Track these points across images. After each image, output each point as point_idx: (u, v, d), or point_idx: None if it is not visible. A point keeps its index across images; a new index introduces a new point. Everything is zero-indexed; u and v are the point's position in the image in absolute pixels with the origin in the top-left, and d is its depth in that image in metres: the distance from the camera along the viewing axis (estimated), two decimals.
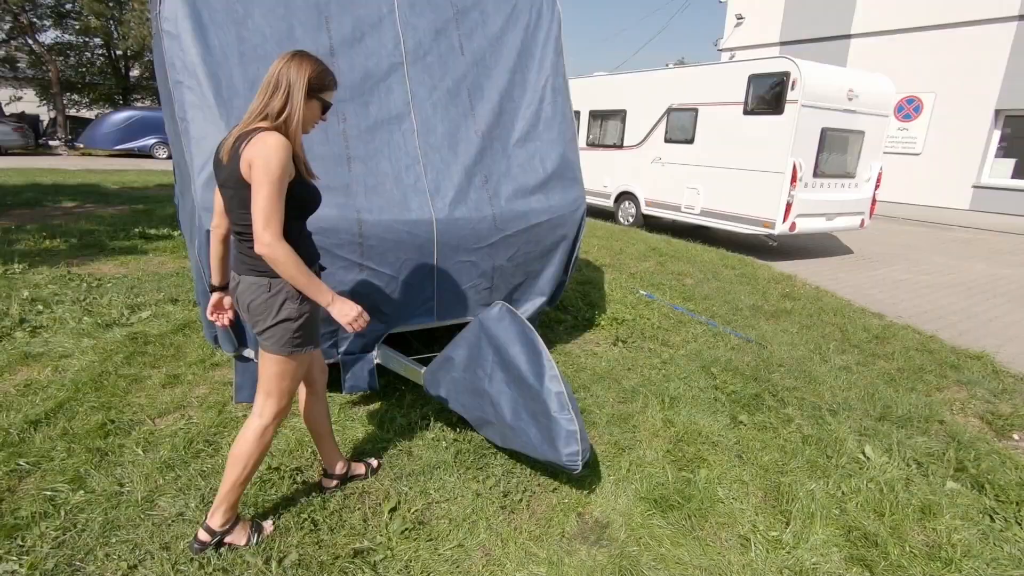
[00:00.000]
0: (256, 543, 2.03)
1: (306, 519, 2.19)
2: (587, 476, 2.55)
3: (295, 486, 2.40)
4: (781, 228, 7.45)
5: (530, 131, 3.50)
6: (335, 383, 3.16)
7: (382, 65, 3.06)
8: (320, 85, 1.83)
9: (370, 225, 2.80)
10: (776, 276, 6.59)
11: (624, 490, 2.48)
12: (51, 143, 23.68)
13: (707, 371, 3.75)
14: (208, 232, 2.51)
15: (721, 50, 16.57)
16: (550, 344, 4.14)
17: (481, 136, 3.30)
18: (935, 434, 3.10)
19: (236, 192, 1.78)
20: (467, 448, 2.70)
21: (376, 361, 3.06)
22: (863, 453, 2.84)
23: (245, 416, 2.94)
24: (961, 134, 11.88)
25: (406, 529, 2.18)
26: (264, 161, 1.66)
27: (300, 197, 1.84)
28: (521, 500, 2.40)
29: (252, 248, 1.75)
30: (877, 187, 8.25)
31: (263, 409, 1.95)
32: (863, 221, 8.35)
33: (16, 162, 16.59)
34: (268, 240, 1.67)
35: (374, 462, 2.56)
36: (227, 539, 2.00)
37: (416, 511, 2.30)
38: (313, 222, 2.70)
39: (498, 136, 3.38)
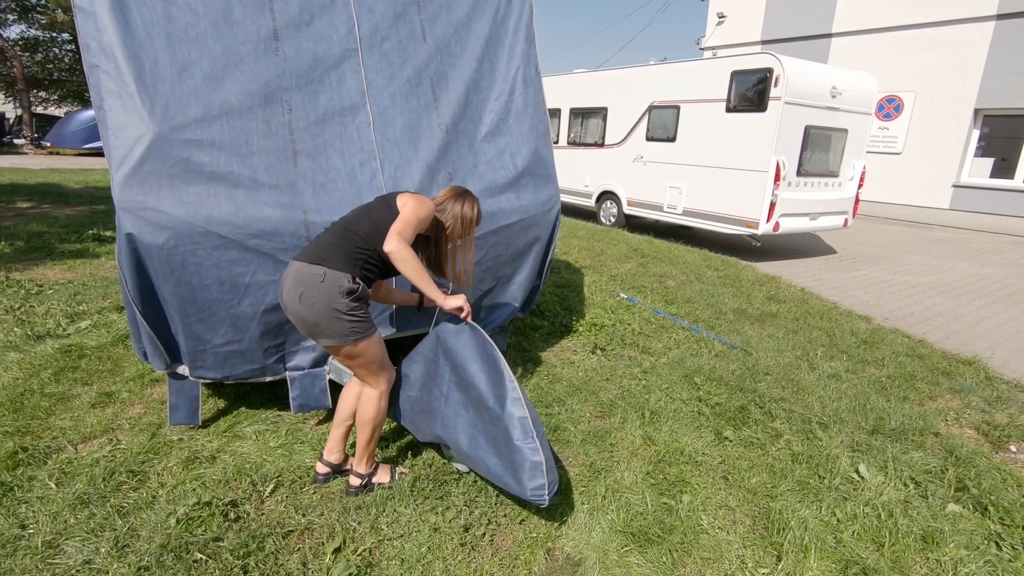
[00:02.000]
0: (396, 479, 2.38)
1: (236, 565, 1.91)
2: (559, 505, 2.30)
3: (227, 523, 2.11)
4: (765, 228, 7.28)
5: (499, 125, 3.24)
6: (283, 401, 2.88)
7: (334, 51, 2.78)
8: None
9: (318, 227, 2.51)
10: (760, 278, 6.42)
11: (599, 521, 2.23)
12: (16, 141, 22.89)
13: (690, 381, 3.52)
14: (128, 236, 2.24)
15: (703, 49, 16.47)
16: (524, 352, 3.89)
17: (445, 130, 3.03)
18: (931, 448, 2.91)
19: (374, 205, 2.20)
20: (426, 474, 2.44)
21: (328, 376, 2.78)
22: (857, 472, 2.62)
23: (180, 439, 2.65)
24: (941, 133, 11.88)
25: (350, 574, 1.91)
26: (417, 203, 2.13)
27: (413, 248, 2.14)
28: (484, 535, 2.14)
29: (343, 242, 2.07)
30: (860, 186, 8.13)
31: (374, 385, 2.21)
32: (846, 220, 8.23)
33: None
34: (397, 240, 2.01)
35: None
36: (374, 479, 2.34)
37: (364, 551, 2.03)
38: (253, 223, 2.45)
39: (464, 130, 3.12)
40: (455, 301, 2.22)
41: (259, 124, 2.53)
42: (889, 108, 12.55)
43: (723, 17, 15.76)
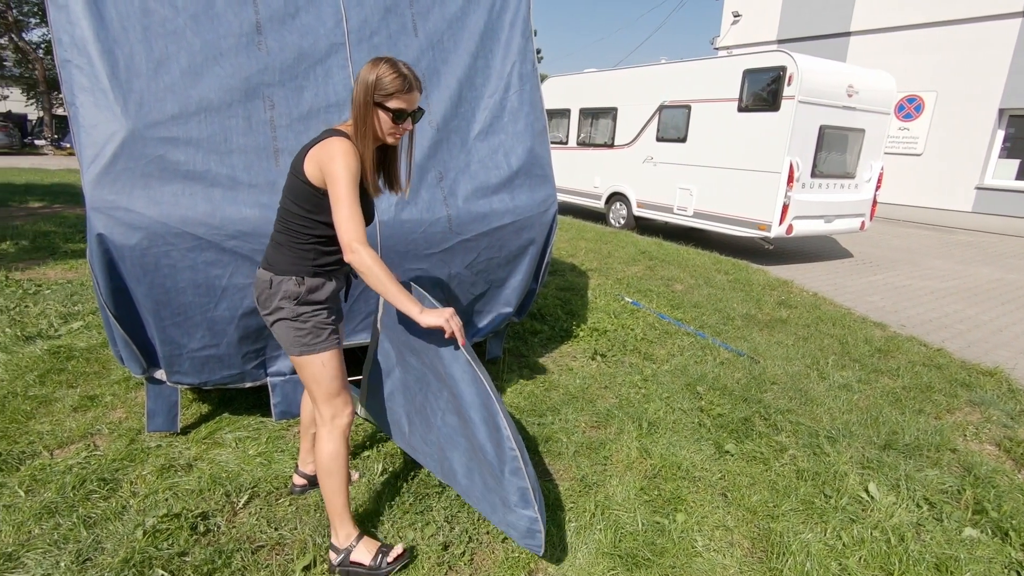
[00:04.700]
0: (382, 566, 1.88)
1: None
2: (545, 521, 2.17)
3: (195, 537, 2.02)
4: (777, 231, 7.08)
5: (494, 123, 3.13)
6: (267, 407, 2.79)
7: (320, 45, 2.68)
8: (384, 92, 1.70)
9: None
10: (771, 282, 6.23)
11: (586, 541, 2.10)
12: (37, 143, 23.31)
13: (692, 390, 3.37)
14: (99, 236, 2.17)
15: (718, 48, 16.22)
16: (521, 358, 3.76)
17: (436, 128, 2.93)
18: (947, 465, 2.73)
19: (288, 182, 1.78)
20: (407, 487, 2.33)
21: None
22: (866, 491, 2.46)
23: (159, 446, 2.57)
24: (963, 134, 11.53)
25: None
26: (337, 168, 1.63)
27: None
28: (464, 554, 2.02)
29: (283, 236, 1.77)
30: (878, 188, 7.89)
31: (321, 414, 1.87)
32: (863, 223, 7.99)
33: None
34: (350, 247, 1.63)
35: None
36: (352, 558, 1.88)
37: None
38: (230, 224, 2.36)
39: (456, 128, 3.01)
40: (433, 318, 1.70)
41: (239, 121, 2.44)
42: (909, 108, 12.22)
43: (738, 16, 15.51)
